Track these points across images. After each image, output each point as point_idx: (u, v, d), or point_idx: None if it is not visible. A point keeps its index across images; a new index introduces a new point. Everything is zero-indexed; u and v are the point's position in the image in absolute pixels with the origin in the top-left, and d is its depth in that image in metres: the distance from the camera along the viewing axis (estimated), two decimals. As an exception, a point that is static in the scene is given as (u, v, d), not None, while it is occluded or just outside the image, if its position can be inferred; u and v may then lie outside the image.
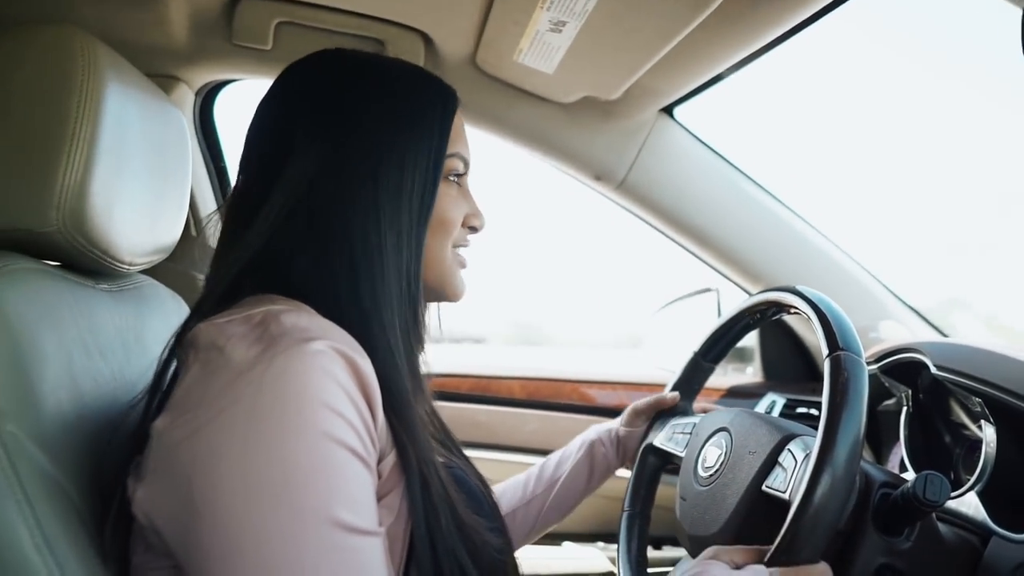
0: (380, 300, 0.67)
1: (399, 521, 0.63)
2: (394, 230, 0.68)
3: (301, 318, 0.60)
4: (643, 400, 1.11)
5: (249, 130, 0.74)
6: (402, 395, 0.65)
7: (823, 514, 0.68)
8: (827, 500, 0.68)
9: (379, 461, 0.62)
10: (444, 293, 0.78)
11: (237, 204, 0.72)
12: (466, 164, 0.77)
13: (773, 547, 0.69)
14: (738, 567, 0.68)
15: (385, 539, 0.60)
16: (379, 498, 0.62)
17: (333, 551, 0.53)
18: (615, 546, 1.06)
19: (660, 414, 1.13)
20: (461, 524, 0.66)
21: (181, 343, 0.64)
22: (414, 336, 0.70)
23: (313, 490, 0.53)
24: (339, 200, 0.68)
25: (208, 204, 1.54)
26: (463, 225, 0.78)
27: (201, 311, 0.66)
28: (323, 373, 0.56)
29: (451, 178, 0.76)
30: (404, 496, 0.64)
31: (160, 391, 0.66)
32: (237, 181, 0.74)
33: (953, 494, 0.88)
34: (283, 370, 0.55)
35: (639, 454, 1.12)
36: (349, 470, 0.56)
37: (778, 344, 1.64)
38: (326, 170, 0.68)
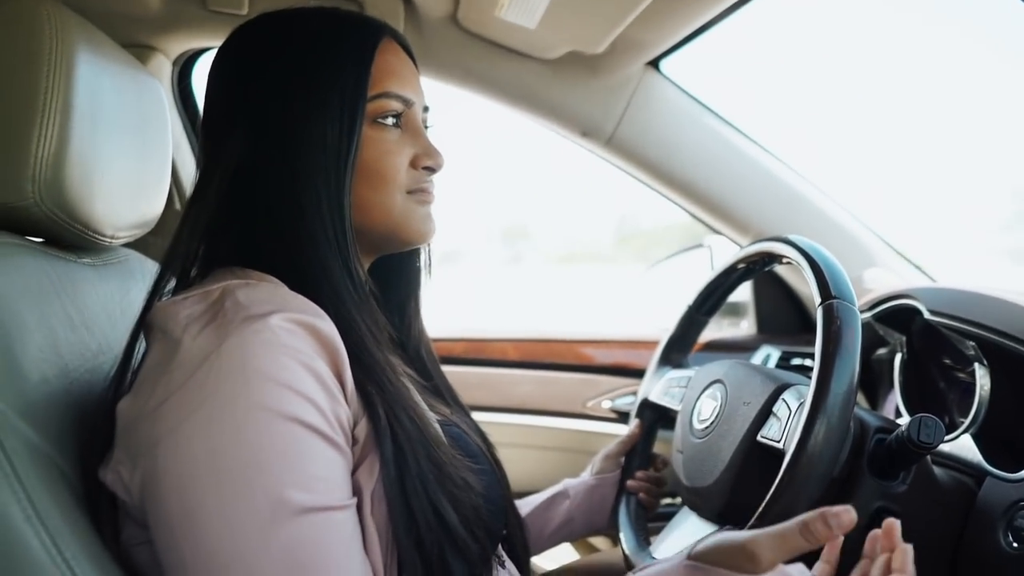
0: (315, 260, 0.66)
1: (379, 484, 0.62)
2: (311, 189, 0.67)
3: (259, 291, 0.60)
4: (612, 444, 1.10)
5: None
6: (363, 348, 0.65)
7: (817, 463, 0.68)
8: (821, 449, 0.68)
9: (355, 425, 0.62)
10: (404, 239, 0.75)
11: (196, 181, 0.72)
12: (405, 102, 0.72)
13: (768, 497, 0.70)
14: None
15: (368, 508, 0.60)
16: (359, 464, 0.61)
17: (286, 531, 0.53)
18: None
19: (658, 367, 1.13)
20: (440, 463, 0.65)
21: (144, 322, 0.64)
22: (358, 289, 0.68)
23: (264, 470, 0.54)
24: (260, 169, 0.68)
25: (191, 176, 1.51)
26: (416, 167, 0.74)
27: (159, 289, 0.67)
28: (277, 350, 0.56)
29: (384, 121, 0.71)
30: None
31: (127, 370, 0.66)
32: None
33: (948, 437, 0.89)
34: (234, 350, 0.55)
35: (635, 409, 1.13)
36: (304, 447, 0.56)
37: (772, 297, 1.64)
38: (249, 143, 0.68)
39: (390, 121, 0.72)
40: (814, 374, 0.72)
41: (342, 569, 0.56)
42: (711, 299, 1.10)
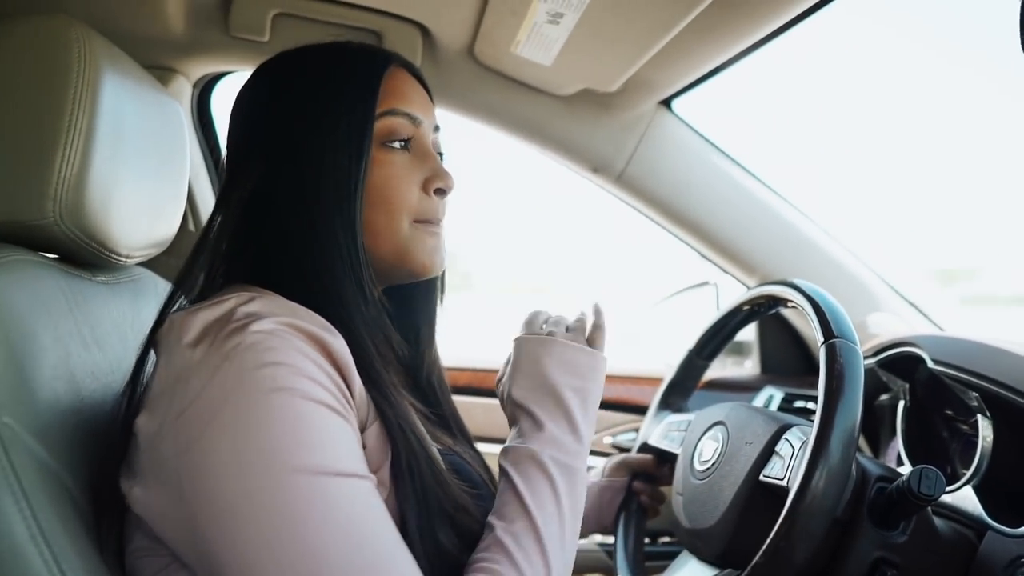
0: (329, 283, 0.67)
1: (392, 496, 0.63)
2: (324, 213, 0.68)
3: (268, 304, 0.61)
4: (634, 456, 1.12)
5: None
6: (371, 367, 0.66)
7: (821, 500, 0.68)
8: (825, 484, 0.68)
9: (362, 431, 0.62)
10: (410, 269, 0.74)
11: (215, 203, 0.74)
12: (412, 120, 0.73)
13: (772, 533, 0.69)
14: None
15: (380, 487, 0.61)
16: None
17: (320, 497, 0.54)
18: (612, 539, 1.06)
19: (657, 411, 1.13)
20: (441, 483, 0.66)
21: (154, 339, 0.64)
22: (370, 309, 0.69)
23: (295, 448, 0.54)
24: (276, 194, 0.70)
25: (206, 197, 1.53)
26: (426, 191, 0.74)
27: (171, 307, 0.68)
28: (280, 342, 0.57)
29: (393, 144, 0.72)
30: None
31: (138, 385, 0.66)
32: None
33: (949, 488, 0.89)
34: (245, 352, 0.56)
35: (635, 452, 1.13)
36: (319, 420, 0.56)
37: (776, 338, 1.64)
38: (265, 169, 0.70)
39: (398, 144, 0.73)
40: (818, 410, 0.72)
41: (386, 531, 0.57)
42: (712, 343, 1.10)
